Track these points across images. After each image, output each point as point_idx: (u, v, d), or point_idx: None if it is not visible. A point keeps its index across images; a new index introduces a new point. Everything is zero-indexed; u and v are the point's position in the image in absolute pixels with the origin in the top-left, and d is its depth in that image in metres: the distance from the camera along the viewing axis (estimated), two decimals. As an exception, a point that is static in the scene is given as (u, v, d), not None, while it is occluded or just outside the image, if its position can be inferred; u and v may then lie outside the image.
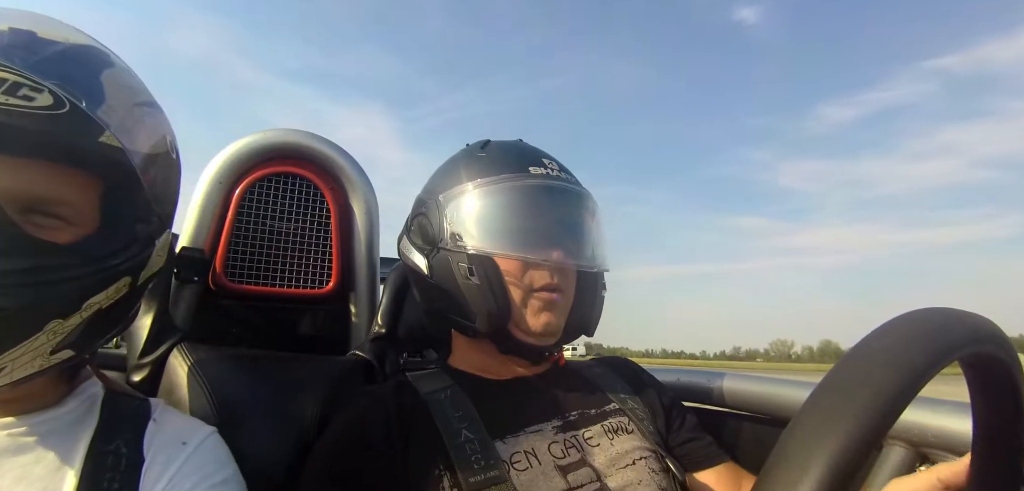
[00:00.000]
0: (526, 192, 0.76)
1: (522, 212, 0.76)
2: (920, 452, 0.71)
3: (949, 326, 0.31)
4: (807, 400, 0.26)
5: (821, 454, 0.23)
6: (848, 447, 0.23)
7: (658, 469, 0.70)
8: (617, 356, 0.97)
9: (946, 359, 0.28)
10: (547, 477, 0.64)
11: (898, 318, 0.31)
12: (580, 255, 0.79)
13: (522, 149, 0.82)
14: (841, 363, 0.28)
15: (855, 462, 0.23)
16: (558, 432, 0.70)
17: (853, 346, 0.29)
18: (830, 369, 0.28)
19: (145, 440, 0.55)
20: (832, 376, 0.27)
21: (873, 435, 0.24)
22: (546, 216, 0.77)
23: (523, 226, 0.75)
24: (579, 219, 0.80)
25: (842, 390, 0.26)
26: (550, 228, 0.76)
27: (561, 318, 0.77)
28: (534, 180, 0.76)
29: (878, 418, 0.24)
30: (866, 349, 0.28)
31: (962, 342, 0.30)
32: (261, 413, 0.78)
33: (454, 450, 0.63)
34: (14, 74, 0.43)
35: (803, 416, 0.26)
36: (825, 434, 0.24)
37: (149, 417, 0.58)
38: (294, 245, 0.98)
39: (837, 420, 0.24)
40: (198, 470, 0.56)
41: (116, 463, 0.52)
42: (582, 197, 0.81)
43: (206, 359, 0.82)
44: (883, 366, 0.26)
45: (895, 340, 0.29)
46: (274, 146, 0.97)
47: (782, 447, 0.25)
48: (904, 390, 0.25)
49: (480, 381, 0.76)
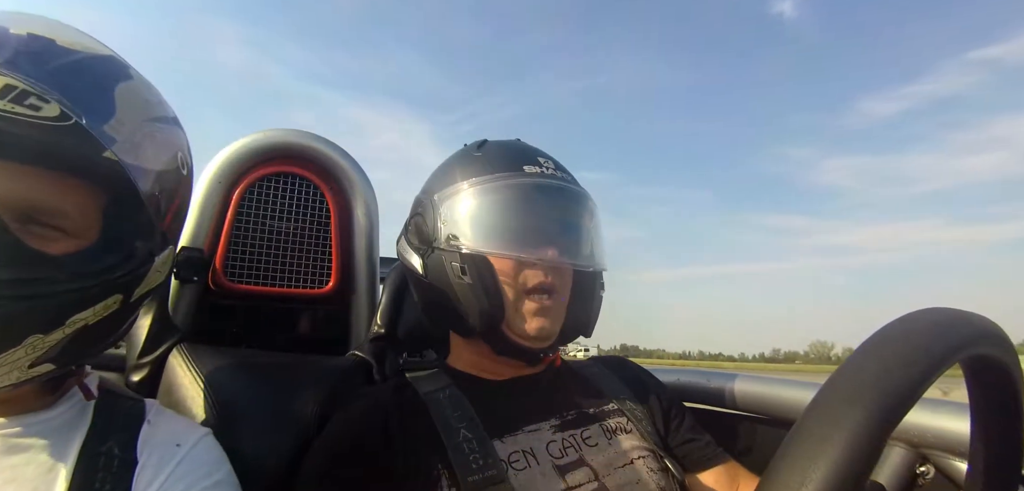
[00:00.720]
0: (520, 190, 0.75)
1: (516, 211, 0.75)
2: (920, 453, 0.71)
3: (951, 327, 0.31)
4: (810, 403, 0.26)
5: (824, 459, 0.23)
6: (853, 452, 0.23)
7: (656, 468, 0.70)
8: (615, 355, 0.97)
9: (949, 361, 0.28)
10: (545, 477, 0.64)
11: (899, 320, 0.31)
12: (576, 254, 0.78)
13: (518, 148, 0.81)
14: (845, 365, 0.28)
15: (860, 467, 0.23)
16: (556, 431, 0.70)
17: (857, 348, 0.29)
18: (833, 372, 0.28)
19: (139, 441, 0.55)
20: (835, 378, 0.27)
21: (876, 441, 0.24)
22: (540, 215, 0.76)
23: (516, 225, 0.74)
24: (574, 218, 0.79)
25: (845, 394, 0.26)
26: (544, 227, 0.76)
27: (556, 322, 0.76)
28: (528, 179, 0.76)
29: (880, 424, 0.24)
30: (870, 351, 0.28)
31: (964, 343, 0.30)
32: (260, 413, 0.77)
33: (452, 450, 0.63)
34: (22, 82, 0.43)
35: (806, 420, 0.25)
36: (827, 439, 0.24)
37: (143, 418, 0.58)
38: (294, 245, 0.98)
39: (840, 425, 0.24)
40: (191, 472, 0.56)
41: (108, 464, 0.52)
42: (578, 196, 0.80)
43: (205, 359, 0.82)
44: (887, 370, 0.26)
45: (897, 343, 0.29)
46: (274, 146, 0.97)
47: (785, 450, 0.25)
48: (907, 394, 0.25)
49: (478, 381, 0.76)
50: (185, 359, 0.81)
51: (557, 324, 0.76)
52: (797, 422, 0.26)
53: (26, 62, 0.45)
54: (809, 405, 0.26)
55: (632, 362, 0.90)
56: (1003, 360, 0.34)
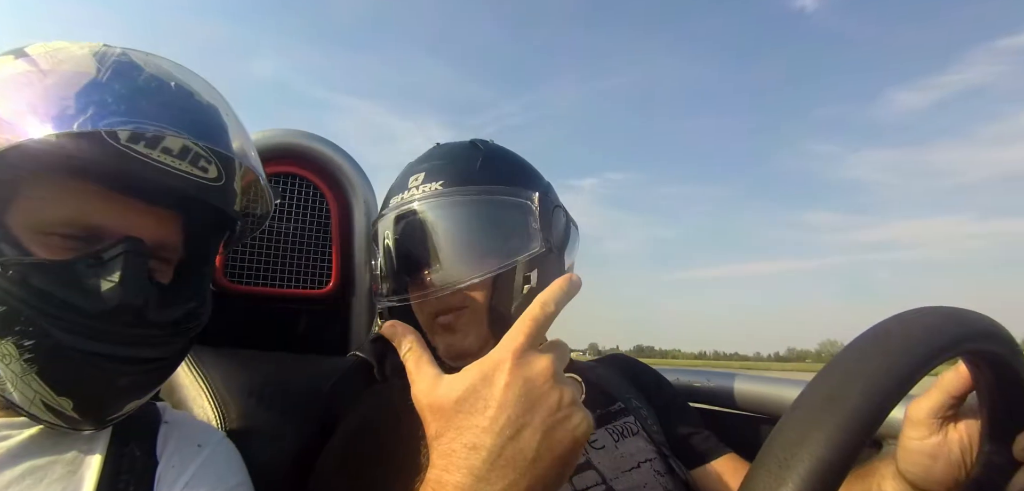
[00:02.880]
0: (383, 232, 0.75)
1: (382, 256, 0.75)
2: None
3: (946, 323, 0.31)
4: (797, 397, 0.26)
5: (807, 450, 0.23)
6: (837, 442, 0.23)
7: (664, 471, 0.69)
8: (619, 354, 0.96)
9: (940, 357, 0.28)
10: None
11: (895, 317, 0.31)
12: (439, 276, 0.70)
13: (402, 174, 0.77)
14: (832, 362, 0.28)
15: (845, 458, 0.23)
16: None
17: (846, 345, 0.29)
18: (823, 367, 0.28)
19: (158, 442, 0.56)
20: (823, 375, 0.27)
21: (862, 433, 0.24)
22: (398, 253, 0.73)
23: (386, 269, 0.75)
24: (433, 239, 0.71)
25: (830, 390, 0.26)
26: (402, 264, 0.73)
27: (464, 335, 0.71)
28: (387, 216, 0.74)
29: (866, 416, 0.24)
30: (858, 348, 0.28)
31: (956, 340, 0.30)
32: (261, 413, 0.78)
33: None
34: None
35: (792, 412, 0.25)
36: (812, 429, 0.24)
37: (159, 419, 0.58)
38: (294, 245, 0.98)
39: (824, 416, 0.24)
40: (214, 473, 0.57)
41: (131, 465, 0.52)
42: (439, 206, 0.71)
43: (206, 359, 0.83)
44: (873, 366, 0.26)
45: (889, 338, 0.29)
46: (274, 146, 0.97)
47: (771, 442, 0.25)
48: (892, 389, 0.25)
49: None
50: (186, 360, 0.82)
51: (470, 336, 0.71)
52: (783, 416, 0.26)
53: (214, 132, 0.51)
54: (796, 398, 0.26)
55: (635, 360, 0.90)
56: (1004, 355, 0.34)
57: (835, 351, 0.29)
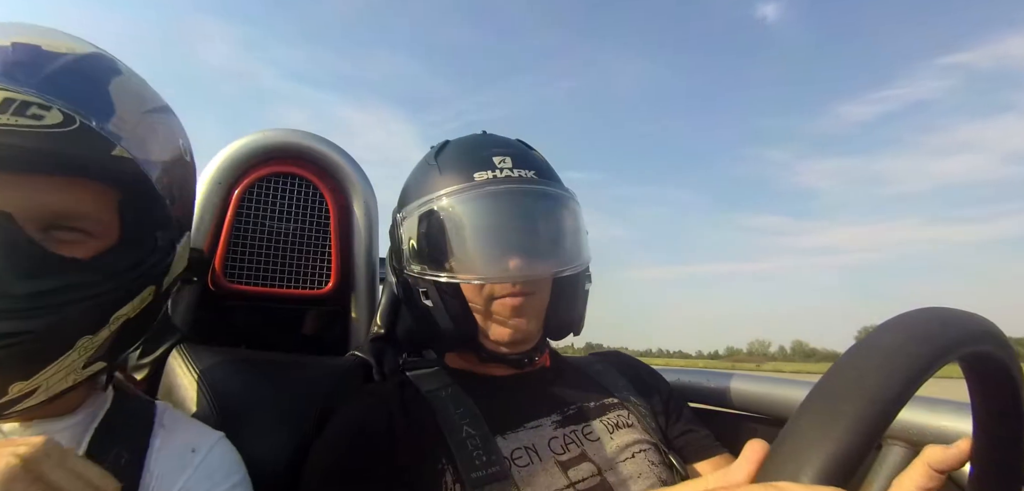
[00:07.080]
0: (473, 204, 0.71)
1: (469, 228, 0.70)
2: (919, 452, 0.71)
3: (948, 326, 0.31)
4: (805, 398, 0.26)
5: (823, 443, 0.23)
6: (849, 439, 0.23)
7: (658, 462, 0.70)
8: (615, 350, 0.97)
9: (944, 358, 0.28)
10: (548, 472, 0.64)
11: (896, 318, 0.31)
12: (544, 257, 0.73)
13: (474, 149, 0.75)
14: (840, 362, 0.28)
15: (855, 456, 0.23)
16: (558, 427, 0.70)
17: (852, 345, 0.29)
18: (830, 367, 0.28)
19: (153, 446, 0.55)
20: (831, 374, 0.27)
21: (872, 431, 0.24)
22: (497, 225, 0.71)
23: (471, 244, 0.70)
24: (536, 219, 0.74)
25: (840, 388, 0.26)
26: (502, 237, 0.71)
27: (532, 321, 0.73)
28: (479, 189, 0.70)
29: (874, 418, 0.24)
30: (866, 348, 0.28)
31: (960, 341, 0.30)
32: (260, 413, 0.77)
33: (456, 447, 0.63)
34: (21, 93, 0.43)
35: (803, 410, 0.26)
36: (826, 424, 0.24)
37: (155, 421, 0.58)
38: (293, 245, 0.98)
39: (835, 417, 0.24)
40: (209, 477, 0.56)
41: (115, 470, 0.51)
42: (540, 195, 0.74)
43: (205, 359, 0.82)
44: (880, 366, 0.26)
45: (894, 339, 0.29)
46: (273, 146, 0.97)
47: (781, 440, 0.25)
48: (900, 391, 0.25)
49: (479, 378, 0.76)
50: (185, 360, 0.81)
51: (534, 322, 0.73)
52: (793, 414, 0.26)
53: (19, 72, 0.45)
54: (804, 400, 0.26)
55: (634, 359, 0.90)
56: (1002, 359, 0.34)
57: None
